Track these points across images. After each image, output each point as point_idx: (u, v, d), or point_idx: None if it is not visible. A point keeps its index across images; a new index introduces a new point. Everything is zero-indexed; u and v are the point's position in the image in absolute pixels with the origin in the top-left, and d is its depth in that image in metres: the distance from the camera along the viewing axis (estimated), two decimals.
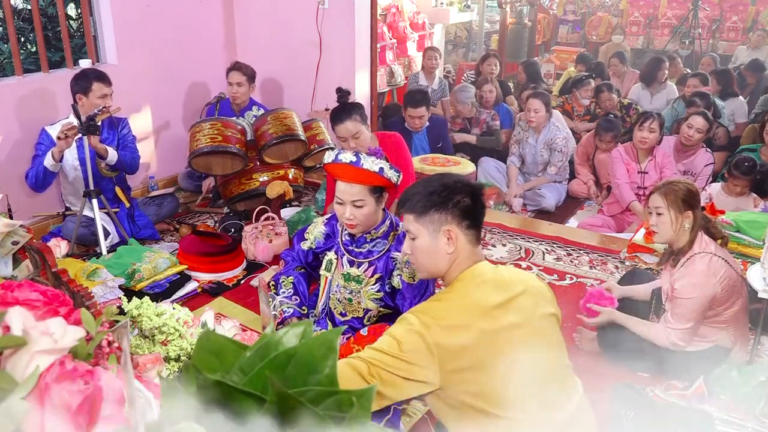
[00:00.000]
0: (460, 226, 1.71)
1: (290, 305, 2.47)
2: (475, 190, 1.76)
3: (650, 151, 4.08)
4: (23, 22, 4.70)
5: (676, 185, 2.46)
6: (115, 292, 2.84)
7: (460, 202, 1.71)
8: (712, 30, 9.03)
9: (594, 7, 10.29)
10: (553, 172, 4.56)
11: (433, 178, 1.81)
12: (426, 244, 1.73)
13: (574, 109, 5.62)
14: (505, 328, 1.59)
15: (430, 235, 1.72)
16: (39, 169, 3.35)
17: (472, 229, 1.73)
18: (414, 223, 1.75)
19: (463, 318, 1.58)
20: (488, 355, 1.56)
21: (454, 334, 1.55)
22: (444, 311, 1.60)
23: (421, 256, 1.76)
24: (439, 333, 1.54)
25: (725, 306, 2.41)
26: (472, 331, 1.56)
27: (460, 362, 1.54)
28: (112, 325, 0.86)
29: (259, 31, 4.82)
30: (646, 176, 4.09)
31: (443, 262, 1.73)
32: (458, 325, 1.56)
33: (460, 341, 1.55)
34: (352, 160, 2.21)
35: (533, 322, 1.65)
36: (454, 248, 1.71)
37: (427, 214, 1.72)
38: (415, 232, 1.75)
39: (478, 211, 1.75)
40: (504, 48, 8.31)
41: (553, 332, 1.72)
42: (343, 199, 2.26)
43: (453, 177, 1.80)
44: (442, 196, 1.72)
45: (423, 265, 1.78)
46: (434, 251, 1.72)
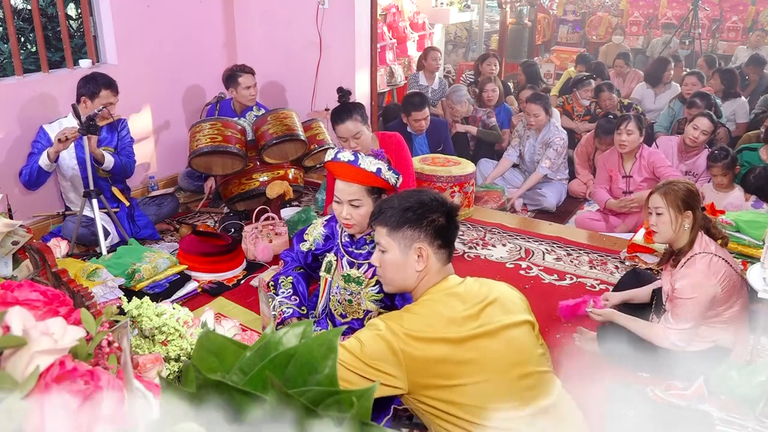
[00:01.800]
0: (431, 245, 1.72)
1: (290, 305, 2.47)
2: (451, 210, 1.77)
3: (634, 153, 4.06)
4: (23, 22, 4.70)
5: (676, 185, 2.46)
6: (115, 292, 2.84)
7: (435, 222, 1.72)
8: (712, 30, 9.03)
9: (594, 7, 10.30)
10: (546, 166, 4.55)
11: (410, 193, 1.81)
12: (396, 260, 1.74)
13: (575, 110, 5.62)
14: (473, 339, 1.59)
15: (400, 251, 1.73)
16: (33, 167, 3.35)
17: (444, 249, 1.75)
18: (386, 236, 1.76)
19: (432, 331, 1.57)
20: (457, 367, 1.56)
21: (422, 346, 1.55)
22: (413, 323, 1.60)
23: (389, 271, 1.77)
24: (407, 342, 1.54)
25: (725, 306, 2.41)
26: (440, 344, 1.56)
27: (428, 373, 1.54)
28: (112, 325, 0.86)
29: (259, 31, 4.82)
30: (630, 180, 4.08)
31: (411, 278, 1.74)
32: (427, 338, 1.56)
33: (427, 353, 1.54)
34: (350, 159, 2.22)
35: (503, 332, 1.63)
36: (424, 266, 1.72)
37: (400, 229, 1.73)
38: (385, 245, 1.76)
39: (452, 231, 1.77)
40: (504, 48, 8.31)
41: (527, 340, 1.69)
42: (341, 199, 2.27)
43: (430, 194, 1.81)
44: (417, 213, 1.72)
45: (391, 280, 1.79)
46: (403, 267, 1.73)
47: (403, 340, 1.54)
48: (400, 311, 1.72)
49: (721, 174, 3.78)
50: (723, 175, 3.78)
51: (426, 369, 1.55)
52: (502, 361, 1.60)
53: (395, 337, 1.54)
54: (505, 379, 1.59)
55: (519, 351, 1.64)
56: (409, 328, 1.57)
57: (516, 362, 1.62)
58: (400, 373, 1.54)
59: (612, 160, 4.15)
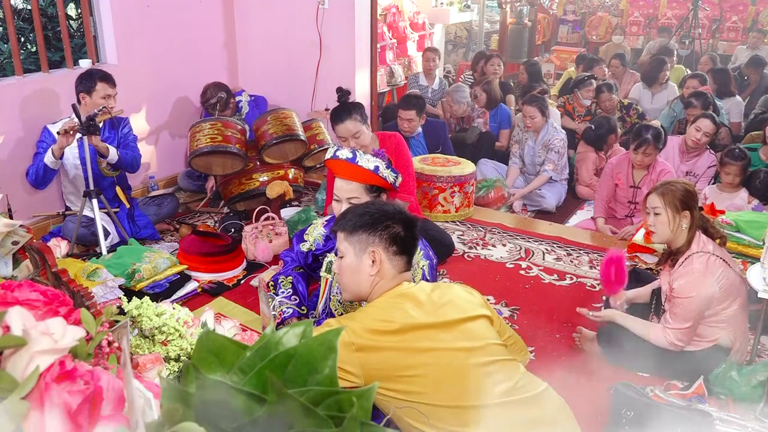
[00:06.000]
0: (386, 251, 1.74)
1: (290, 305, 2.47)
2: (411, 221, 1.79)
3: (646, 167, 3.95)
4: (23, 22, 4.70)
5: (673, 185, 2.47)
6: (115, 292, 2.83)
7: (390, 227, 1.74)
8: (712, 30, 9.04)
9: (594, 7, 10.30)
10: (550, 168, 4.55)
11: (375, 203, 1.85)
12: (351, 264, 1.76)
13: (575, 110, 5.62)
14: (426, 329, 1.61)
15: (355, 255, 1.75)
16: (39, 166, 3.36)
17: (399, 256, 1.76)
18: (343, 241, 1.78)
19: (383, 324, 1.60)
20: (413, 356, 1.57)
21: (375, 337, 1.57)
22: (365, 317, 1.64)
23: (345, 276, 1.79)
24: (360, 334, 1.57)
25: (724, 306, 2.41)
26: (392, 335, 1.58)
27: (383, 365, 1.56)
28: (112, 325, 0.86)
29: (259, 31, 4.82)
30: (638, 192, 3.95)
31: (365, 283, 1.75)
32: (379, 330, 1.58)
33: (381, 344, 1.57)
34: (348, 156, 2.23)
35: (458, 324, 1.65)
36: (377, 270, 1.73)
37: (356, 233, 1.75)
38: (343, 250, 1.78)
39: (409, 241, 1.78)
40: (504, 48, 8.31)
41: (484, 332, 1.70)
42: (340, 197, 2.28)
43: (394, 206, 1.83)
44: (373, 217, 1.75)
45: (347, 285, 1.81)
46: (358, 271, 1.75)
47: (356, 333, 1.57)
48: (353, 312, 1.76)
49: (734, 173, 3.76)
50: (737, 174, 3.77)
51: (380, 360, 1.57)
52: (457, 350, 1.61)
53: (347, 331, 1.57)
54: (462, 367, 1.60)
55: (474, 340, 1.65)
56: (362, 322, 1.61)
57: (472, 350, 1.62)
58: (356, 368, 1.56)
59: (621, 168, 4.04)
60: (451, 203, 4.04)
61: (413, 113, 4.38)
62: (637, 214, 3.99)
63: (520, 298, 3.13)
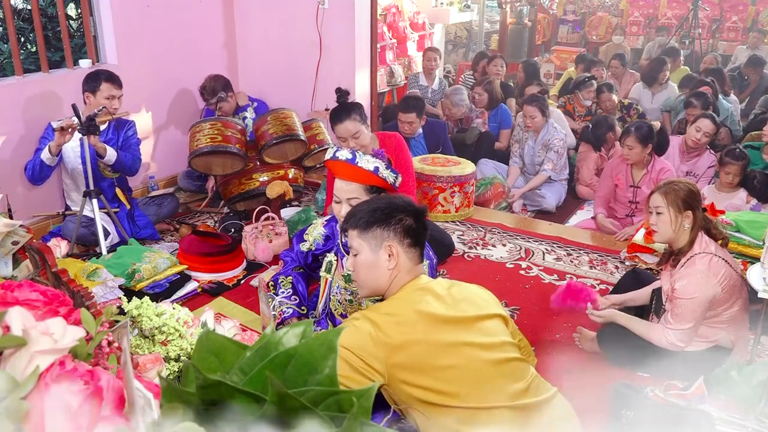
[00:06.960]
0: (401, 244, 1.75)
1: (290, 305, 2.48)
2: (419, 212, 1.81)
3: (645, 164, 3.92)
4: (23, 22, 4.70)
5: (676, 185, 2.46)
6: (115, 292, 2.83)
7: (403, 220, 1.76)
8: (712, 30, 9.04)
9: (594, 7, 10.30)
10: (549, 168, 4.55)
11: (381, 197, 1.86)
12: (368, 260, 1.77)
13: (576, 110, 5.63)
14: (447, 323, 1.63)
15: (371, 251, 1.76)
16: (36, 161, 3.36)
17: (413, 248, 1.78)
18: (357, 238, 1.79)
19: (406, 319, 1.62)
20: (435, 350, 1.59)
21: (396, 328, 1.59)
22: (387, 308, 1.67)
23: (362, 272, 1.80)
24: (382, 325, 1.58)
25: (725, 306, 2.41)
26: (413, 327, 1.60)
27: (403, 356, 1.57)
28: (112, 325, 0.86)
29: (259, 31, 4.82)
30: (638, 191, 3.93)
31: (384, 278, 1.76)
32: (401, 322, 1.61)
33: (407, 336, 1.58)
34: (348, 157, 2.23)
35: (477, 322, 1.68)
36: (395, 264, 1.75)
37: (370, 229, 1.76)
38: (357, 247, 1.79)
39: (420, 232, 1.80)
40: (504, 48, 8.31)
41: (500, 331, 1.73)
42: (340, 197, 2.28)
43: (402, 198, 1.85)
44: (385, 212, 1.76)
45: (365, 282, 1.81)
46: (375, 267, 1.76)
47: (380, 327, 1.58)
48: (377, 305, 1.78)
49: (734, 173, 3.78)
50: (737, 174, 3.78)
51: (400, 350, 1.58)
52: (476, 347, 1.63)
53: (372, 324, 1.59)
54: (480, 365, 1.62)
55: (491, 336, 1.69)
56: (387, 312, 1.63)
57: (490, 347, 1.65)
58: (379, 363, 1.56)
59: (620, 168, 4.03)
60: (451, 203, 4.04)
61: (413, 116, 4.39)
62: (637, 213, 3.98)
63: (520, 298, 3.13)
